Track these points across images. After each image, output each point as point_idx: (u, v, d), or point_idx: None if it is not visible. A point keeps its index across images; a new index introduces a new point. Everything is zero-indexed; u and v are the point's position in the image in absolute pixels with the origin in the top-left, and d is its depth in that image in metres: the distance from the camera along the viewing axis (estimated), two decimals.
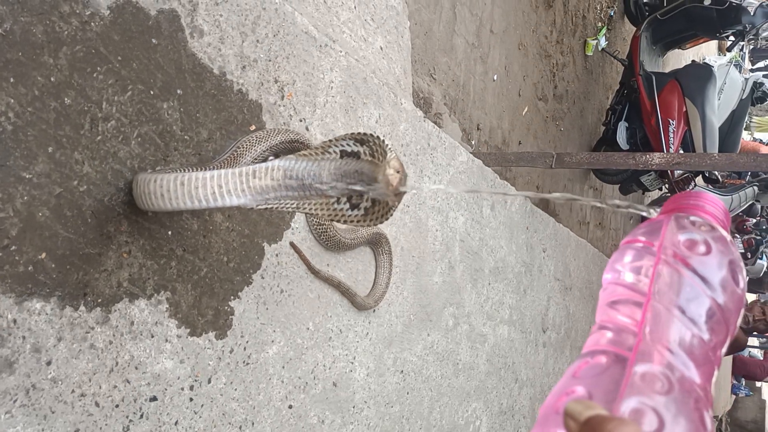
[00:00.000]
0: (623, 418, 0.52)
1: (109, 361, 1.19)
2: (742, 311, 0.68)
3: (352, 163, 0.98)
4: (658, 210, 0.78)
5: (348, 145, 1.02)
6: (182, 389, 1.34)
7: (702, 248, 0.68)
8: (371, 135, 0.99)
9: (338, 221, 1.06)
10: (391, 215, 1.03)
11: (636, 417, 0.58)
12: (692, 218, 0.72)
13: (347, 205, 1.05)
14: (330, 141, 1.04)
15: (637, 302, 0.69)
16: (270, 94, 1.56)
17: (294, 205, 1.08)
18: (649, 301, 0.68)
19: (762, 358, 10.75)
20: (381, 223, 1.03)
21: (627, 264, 0.72)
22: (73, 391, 1.13)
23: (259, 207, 1.07)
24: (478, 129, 3.69)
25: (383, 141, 0.98)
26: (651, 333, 0.66)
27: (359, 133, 1.02)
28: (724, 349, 0.68)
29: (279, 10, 1.56)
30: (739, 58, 5.57)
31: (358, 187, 0.97)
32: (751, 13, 4.89)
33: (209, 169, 1.28)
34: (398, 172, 0.95)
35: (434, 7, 3.14)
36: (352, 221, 1.05)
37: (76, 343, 1.13)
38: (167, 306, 1.29)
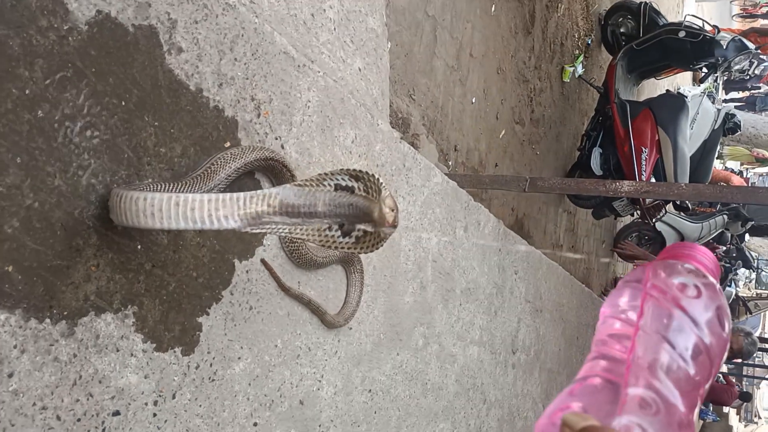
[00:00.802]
0: (615, 429, 0.59)
1: (73, 375, 1.19)
2: (725, 354, 0.74)
3: (346, 196, 1.05)
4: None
5: (343, 179, 1.08)
6: (146, 404, 1.33)
7: (693, 292, 0.74)
8: (366, 172, 1.06)
9: (329, 248, 1.12)
10: (382, 245, 1.10)
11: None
12: (686, 265, 0.78)
13: (338, 233, 1.10)
14: (325, 174, 1.10)
15: (630, 336, 0.74)
16: (246, 111, 1.57)
17: (287, 231, 1.12)
18: (637, 331, 0.73)
19: (726, 383, 10.89)
20: (371, 251, 1.09)
21: (624, 301, 0.78)
22: (34, 404, 1.12)
23: (254, 231, 1.10)
24: (455, 150, 3.74)
25: (378, 179, 1.04)
26: (641, 360, 0.71)
27: (354, 170, 1.08)
28: (707, 386, 0.73)
29: (258, 30, 1.58)
30: (713, 89, 5.70)
31: (350, 220, 1.04)
32: (724, 47, 5.03)
33: (187, 189, 1.30)
34: (393, 210, 1.02)
35: (415, 29, 3.18)
36: (343, 248, 1.11)
37: (40, 355, 1.13)
38: (134, 320, 1.29)
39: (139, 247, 1.30)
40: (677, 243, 0.86)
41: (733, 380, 11.73)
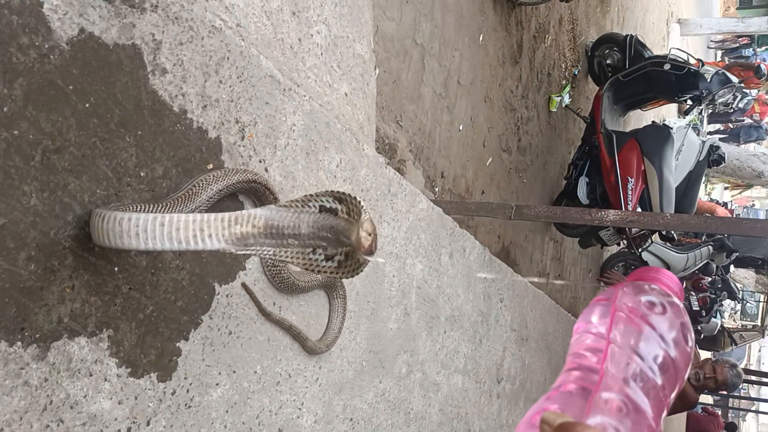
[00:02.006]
0: (589, 425, 0.64)
1: (43, 399, 1.15)
2: (690, 366, 0.79)
3: (329, 218, 1.04)
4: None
5: (327, 201, 1.07)
6: (119, 431, 1.30)
7: (659, 309, 0.80)
8: (348, 195, 1.05)
9: (313, 271, 1.11)
10: (362, 271, 1.08)
11: (600, 430, 0.70)
12: (653, 285, 0.84)
13: (322, 256, 1.09)
14: (310, 195, 1.09)
15: (601, 348, 0.80)
16: (230, 134, 1.56)
17: (271, 253, 1.10)
18: (609, 344, 0.79)
19: (708, 414, 10.88)
20: (351, 276, 1.08)
21: (595, 316, 0.85)
22: (2, 429, 1.08)
23: (238, 252, 1.09)
24: (442, 177, 3.74)
25: (359, 202, 1.03)
26: (613, 369, 0.77)
27: (338, 192, 1.07)
28: (673, 395, 0.79)
29: (244, 53, 1.58)
30: (698, 122, 5.77)
31: (331, 243, 1.02)
32: (708, 80, 5.10)
33: (168, 210, 1.28)
34: (370, 234, 1.01)
35: (404, 56, 3.21)
36: (325, 272, 1.10)
37: (9, 379, 1.10)
38: (109, 344, 1.26)
39: (116, 269, 1.27)
40: (645, 267, 0.96)
41: (718, 412, 11.69)
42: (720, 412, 13.95)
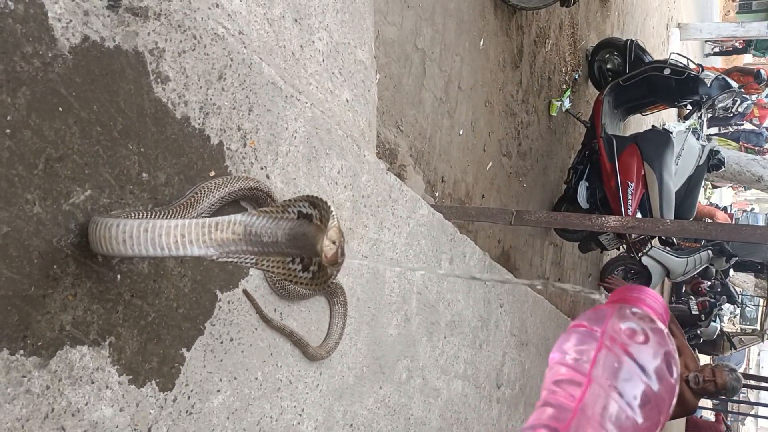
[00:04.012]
0: None
1: (45, 407, 1.16)
2: (674, 400, 0.73)
3: (304, 225, 0.99)
4: (605, 294, 0.86)
5: (304, 206, 1.03)
6: None
7: (641, 338, 0.74)
8: (321, 199, 1.00)
9: (291, 282, 1.07)
10: (331, 282, 1.04)
11: None
12: (634, 309, 0.79)
13: (300, 266, 1.05)
14: (290, 201, 1.05)
15: (578, 382, 0.74)
16: (232, 141, 1.57)
17: (253, 261, 1.08)
18: (589, 383, 0.73)
19: (714, 420, 10.84)
20: (322, 289, 1.04)
21: (571, 347, 0.78)
22: None
23: (220, 259, 1.07)
24: (442, 181, 3.74)
25: (329, 206, 0.98)
26: (589, 409, 0.71)
27: (313, 197, 1.03)
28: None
29: (246, 60, 1.59)
30: (698, 126, 5.78)
31: (304, 251, 0.98)
32: (708, 85, 5.11)
33: (170, 217, 1.28)
34: (335, 243, 0.95)
35: (404, 61, 3.21)
36: (301, 283, 1.06)
37: (11, 387, 1.10)
38: (110, 351, 1.26)
39: (118, 276, 1.28)
40: (627, 286, 0.84)
41: (722, 427, 11.67)
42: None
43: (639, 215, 4.90)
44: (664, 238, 5.26)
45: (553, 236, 5.84)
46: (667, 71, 5.07)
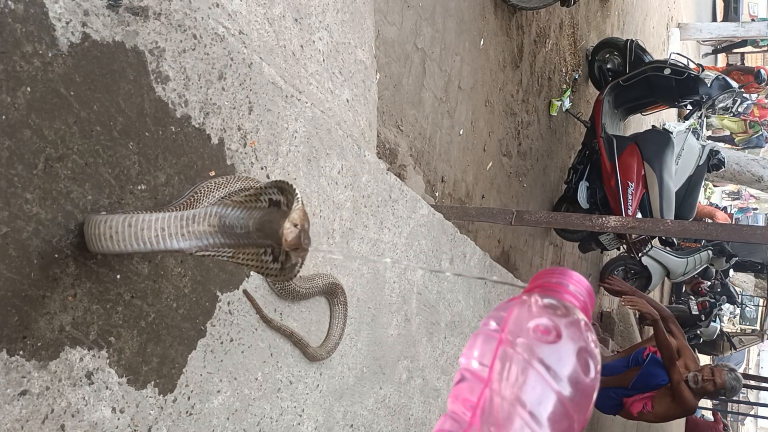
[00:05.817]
0: None
1: (45, 408, 1.15)
2: (593, 402, 0.65)
3: (273, 212, 0.93)
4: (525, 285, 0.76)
5: (273, 193, 0.98)
6: None
7: (552, 336, 0.64)
8: (287, 183, 0.95)
9: (264, 275, 1.01)
10: (297, 273, 0.97)
11: None
12: (546, 300, 0.69)
13: (270, 257, 0.99)
14: (261, 188, 1.01)
15: (477, 392, 0.66)
16: (232, 141, 1.56)
17: (230, 254, 1.05)
18: (485, 389, 0.65)
19: (713, 420, 10.84)
20: (289, 279, 0.97)
21: (475, 349, 0.69)
22: None
23: (200, 253, 1.04)
24: (442, 181, 3.74)
25: (294, 190, 0.92)
26: (486, 421, 0.63)
27: (280, 181, 0.97)
28: None
29: (246, 60, 1.58)
30: (698, 126, 5.79)
31: (272, 239, 0.91)
32: (708, 85, 5.11)
33: (158, 212, 1.27)
34: (296, 225, 0.88)
35: (404, 61, 3.21)
36: (270, 275, 0.99)
37: (11, 388, 1.10)
38: (110, 352, 1.26)
39: (118, 277, 1.27)
40: (549, 269, 0.73)
41: (722, 424, 11.67)
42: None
43: (639, 215, 4.90)
44: (664, 238, 5.26)
45: (553, 236, 5.85)
46: (667, 71, 5.08)
